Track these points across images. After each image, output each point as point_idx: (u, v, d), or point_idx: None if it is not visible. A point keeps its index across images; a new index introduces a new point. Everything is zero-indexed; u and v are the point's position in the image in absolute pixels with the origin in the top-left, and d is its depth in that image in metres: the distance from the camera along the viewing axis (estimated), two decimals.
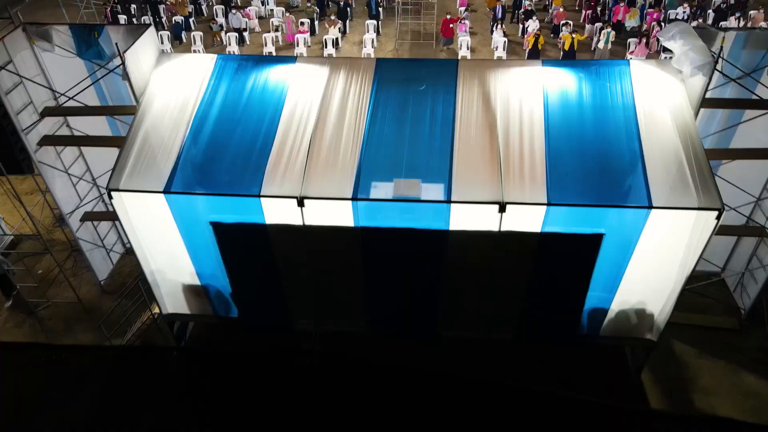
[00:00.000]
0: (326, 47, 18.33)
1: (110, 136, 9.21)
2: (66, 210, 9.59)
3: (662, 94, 7.76)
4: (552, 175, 7.06)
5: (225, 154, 7.42)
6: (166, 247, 7.87)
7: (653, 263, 7.36)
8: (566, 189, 6.98)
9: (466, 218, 7.14)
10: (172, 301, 8.70)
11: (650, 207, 6.74)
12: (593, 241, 7.20)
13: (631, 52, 17.55)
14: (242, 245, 7.86)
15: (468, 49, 18.06)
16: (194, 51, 18.46)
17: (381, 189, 7.08)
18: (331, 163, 7.29)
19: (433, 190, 7.05)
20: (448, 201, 6.93)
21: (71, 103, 8.61)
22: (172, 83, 8.17)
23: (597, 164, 7.23)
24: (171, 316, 8.95)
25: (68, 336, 10.02)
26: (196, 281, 8.36)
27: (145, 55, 8.19)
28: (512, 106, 7.75)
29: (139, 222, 7.56)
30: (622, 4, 18.57)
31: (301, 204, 7.05)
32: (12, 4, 11.54)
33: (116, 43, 7.48)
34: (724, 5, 18.50)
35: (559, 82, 8.03)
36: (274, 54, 18.43)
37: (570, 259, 7.51)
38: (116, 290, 10.68)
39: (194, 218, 7.46)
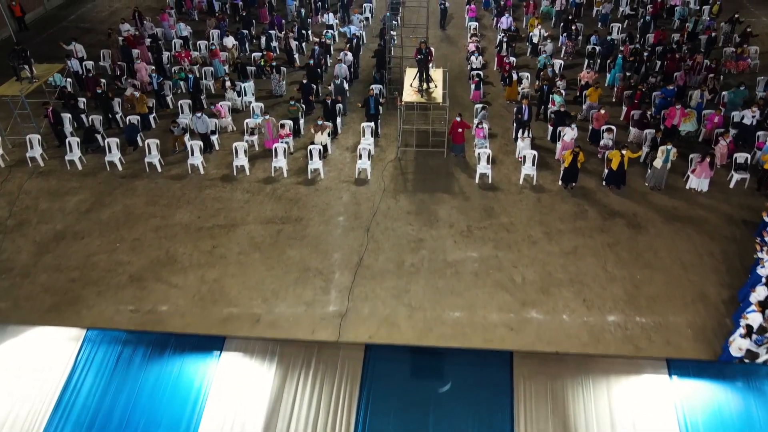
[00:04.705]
0: (312, 159, 14.76)
1: None
2: None
3: None
4: None
5: None
6: None
7: None
8: None
9: None
10: None
11: None
12: None
13: (692, 171, 13.96)
14: None
15: (488, 163, 14.44)
16: (148, 163, 14.89)
17: None
18: None
19: None
20: None
21: None
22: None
23: None
24: None
25: None
26: None
27: None
28: None
29: None
30: (678, 107, 15.02)
31: None
32: None
33: None
34: None
35: (706, 415, 4.31)
36: (246, 168, 14.84)
37: None
38: None
39: None
